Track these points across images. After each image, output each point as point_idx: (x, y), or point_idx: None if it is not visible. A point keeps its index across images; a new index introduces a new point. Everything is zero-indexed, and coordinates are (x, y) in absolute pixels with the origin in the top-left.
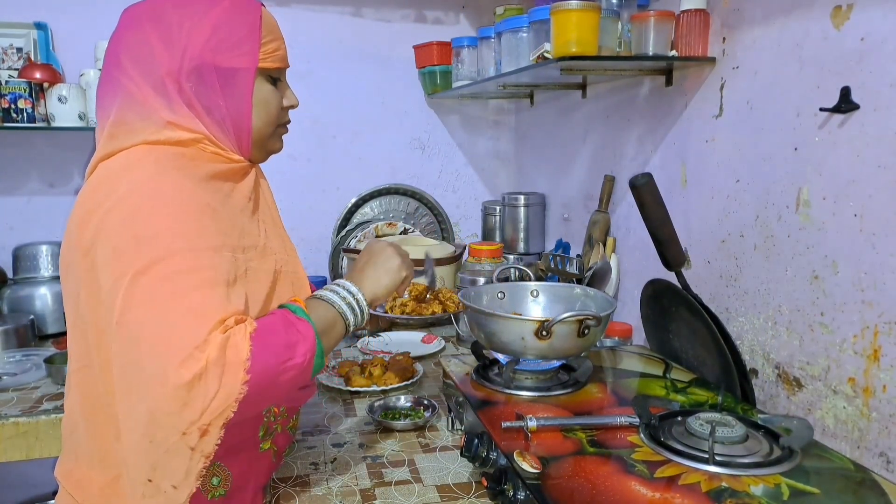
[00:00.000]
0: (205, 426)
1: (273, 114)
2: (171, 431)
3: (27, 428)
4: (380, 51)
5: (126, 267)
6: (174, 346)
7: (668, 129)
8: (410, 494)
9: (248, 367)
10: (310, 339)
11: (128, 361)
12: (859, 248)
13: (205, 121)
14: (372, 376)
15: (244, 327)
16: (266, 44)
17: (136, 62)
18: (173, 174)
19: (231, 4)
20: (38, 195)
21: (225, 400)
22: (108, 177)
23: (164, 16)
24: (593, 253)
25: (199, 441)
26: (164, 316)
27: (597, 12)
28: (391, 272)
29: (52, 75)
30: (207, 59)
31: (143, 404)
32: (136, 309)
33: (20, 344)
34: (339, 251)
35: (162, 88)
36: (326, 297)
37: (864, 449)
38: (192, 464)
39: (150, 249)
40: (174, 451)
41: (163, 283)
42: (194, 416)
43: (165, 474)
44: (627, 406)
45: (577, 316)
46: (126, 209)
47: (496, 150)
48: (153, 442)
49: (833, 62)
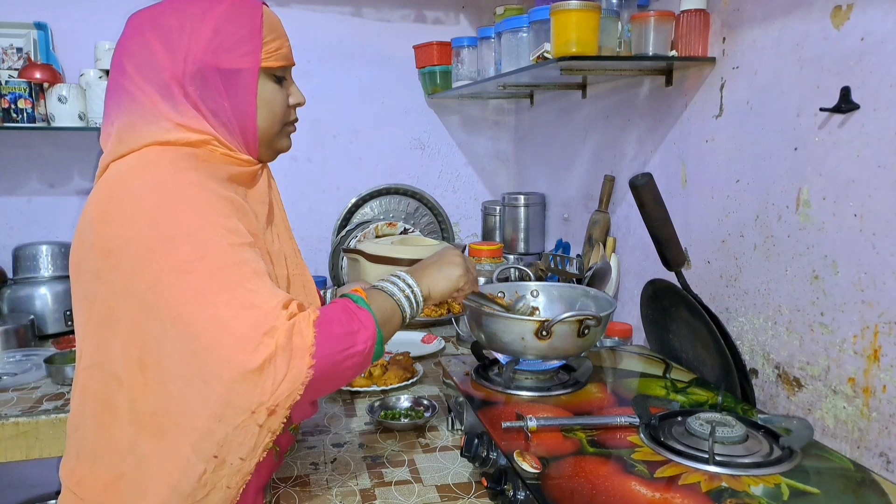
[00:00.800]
0: (273, 406)
1: (278, 113)
2: (240, 411)
3: (27, 428)
4: (380, 51)
5: (166, 266)
6: (241, 333)
7: (668, 129)
8: (410, 494)
9: (313, 352)
10: (370, 327)
11: (190, 352)
12: (859, 248)
13: (212, 123)
14: (372, 376)
15: (308, 315)
16: (268, 42)
17: (140, 68)
18: (190, 174)
19: (231, 5)
20: (39, 195)
21: (293, 383)
22: (124, 177)
23: (166, 20)
24: (593, 253)
25: (267, 419)
26: (223, 309)
27: (597, 12)
28: (450, 279)
29: (52, 75)
30: (210, 61)
31: (211, 388)
32: (190, 304)
33: (20, 344)
34: (339, 251)
35: (167, 93)
36: (386, 287)
37: (864, 449)
38: (259, 439)
39: (187, 248)
40: (242, 428)
41: (211, 277)
42: (264, 397)
43: (232, 449)
44: (627, 406)
45: (577, 316)
46: (152, 210)
47: (496, 150)
48: (222, 421)
49: (833, 62)
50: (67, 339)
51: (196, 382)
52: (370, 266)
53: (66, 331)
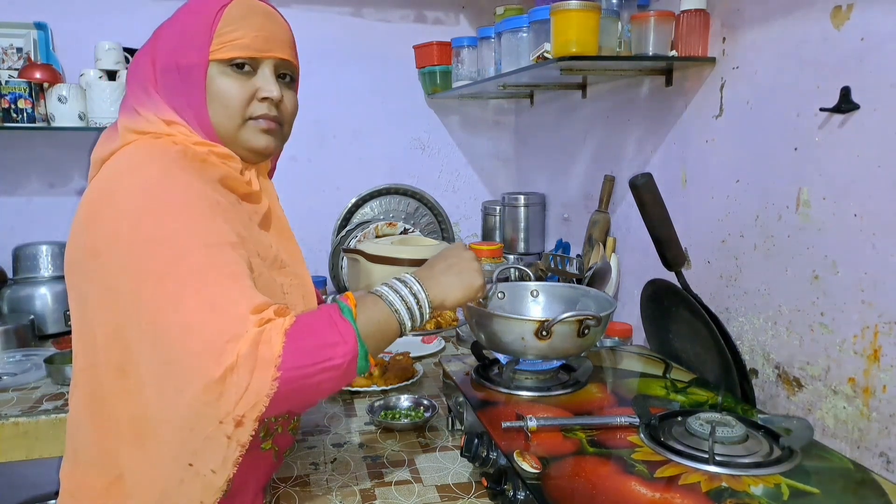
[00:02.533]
0: (239, 417)
1: (233, 107)
2: (209, 420)
3: (27, 428)
4: (380, 51)
5: (146, 269)
6: (207, 340)
7: (668, 130)
8: (410, 494)
9: (279, 363)
10: (350, 342)
11: (163, 360)
12: (859, 248)
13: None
14: (372, 376)
15: (281, 323)
16: (225, 34)
17: (132, 77)
18: (180, 174)
19: (196, 3)
20: (38, 195)
21: (256, 394)
22: (113, 177)
23: (159, 32)
24: (593, 253)
25: (235, 431)
26: (193, 314)
27: (597, 12)
28: (469, 289)
29: (52, 75)
30: (170, 59)
31: (181, 397)
32: (163, 311)
33: (20, 344)
34: (339, 251)
35: (146, 95)
36: (386, 295)
37: (864, 449)
38: (228, 451)
39: (167, 250)
40: (212, 439)
41: (186, 281)
42: (229, 406)
43: (205, 459)
44: (627, 406)
45: (577, 316)
46: (136, 212)
47: (496, 150)
48: (193, 430)
49: (833, 62)
50: (67, 339)
51: (169, 391)
52: (370, 266)
53: (66, 331)
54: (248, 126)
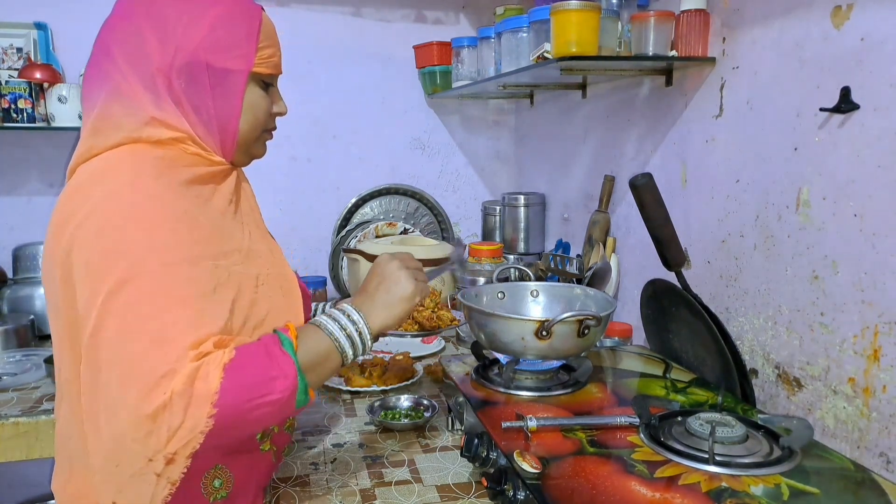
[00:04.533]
0: (170, 455)
1: (261, 119)
2: (136, 458)
3: (27, 428)
4: (380, 51)
5: (98, 284)
6: (141, 373)
7: (668, 129)
8: (410, 494)
9: (215, 400)
10: (290, 376)
11: (96, 383)
12: (859, 248)
13: (191, 119)
14: (372, 376)
15: (220, 356)
16: (262, 49)
17: (126, 54)
18: (149, 183)
19: (232, 4)
20: (38, 195)
21: (190, 432)
22: (84, 184)
23: (162, 9)
24: (593, 253)
25: (165, 468)
26: (133, 342)
27: (597, 12)
28: (403, 301)
29: (52, 75)
30: (201, 57)
31: (109, 428)
32: (106, 331)
33: (20, 344)
34: (339, 251)
35: (151, 84)
36: (325, 326)
37: (864, 449)
38: (157, 489)
39: (121, 266)
40: (139, 477)
41: (133, 304)
42: (160, 445)
43: (129, 498)
44: (627, 406)
45: (577, 316)
46: (98, 221)
47: (496, 150)
48: (119, 466)
49: (833, 62)
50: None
51: (98, 421)
52: (370, 266)
53: None
54: (261, 137)
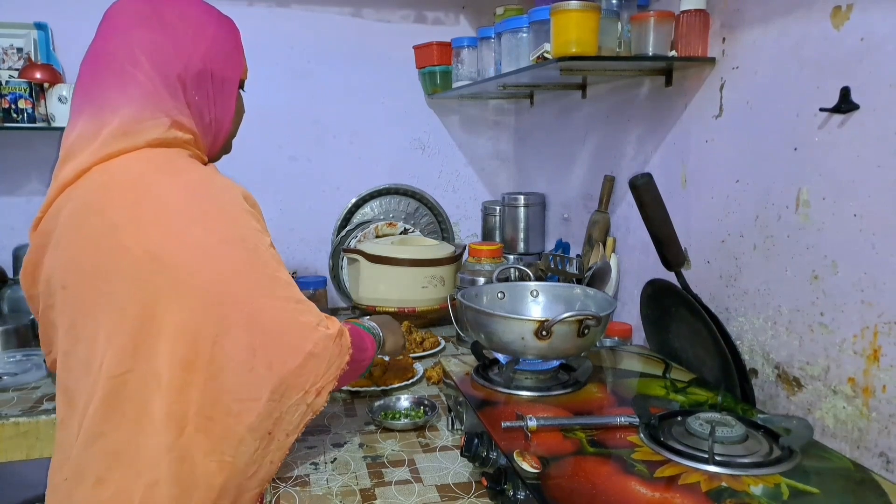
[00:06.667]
0: (320, 388)
1: (241, 120)
2: (296, 390)
3: (27, 428)
4: (380, 51)
5: (226, 268)
6: (303, 324)
7: (668, 130)
8: (410, 494)
9: (351, 353)
10: (372, 348)
11: (252, 345)
12: (859, 248)
13: (197, 123)
14: (372, 376)
15: (343, 325)
16: (243, 58)
17: (153, 60)
18: (216, 176)
19: (220, 18)
20: (38, 195)
21: (336, 370)
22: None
23: (171, 20)
24: (593, 253)
25: (314, 399)
26: (284, 302)
27: (597, 12)
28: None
29: (52, 75)
30: (209, 65)
31: (272, 373)
32: (256, 301)
33: (20, 344)
34: (339, 251)
35: (173, 88)
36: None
37: (863, 449)
38: (304, 417)
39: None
40: (295, 406)
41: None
42: (316, 379)
43: (283, 425)
44: (627, 406)
45: (577, 316)
46: (197, 214)
47: (496, 151)
48: (280, 400)
49: (833, 62)
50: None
51: (259, 369)
52: (370, 266)
53: None
54: None
